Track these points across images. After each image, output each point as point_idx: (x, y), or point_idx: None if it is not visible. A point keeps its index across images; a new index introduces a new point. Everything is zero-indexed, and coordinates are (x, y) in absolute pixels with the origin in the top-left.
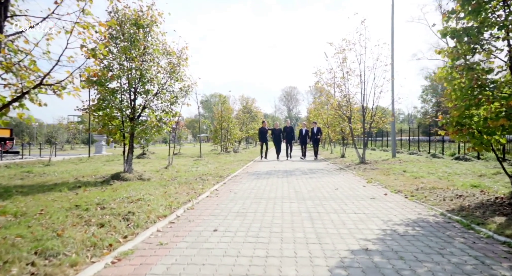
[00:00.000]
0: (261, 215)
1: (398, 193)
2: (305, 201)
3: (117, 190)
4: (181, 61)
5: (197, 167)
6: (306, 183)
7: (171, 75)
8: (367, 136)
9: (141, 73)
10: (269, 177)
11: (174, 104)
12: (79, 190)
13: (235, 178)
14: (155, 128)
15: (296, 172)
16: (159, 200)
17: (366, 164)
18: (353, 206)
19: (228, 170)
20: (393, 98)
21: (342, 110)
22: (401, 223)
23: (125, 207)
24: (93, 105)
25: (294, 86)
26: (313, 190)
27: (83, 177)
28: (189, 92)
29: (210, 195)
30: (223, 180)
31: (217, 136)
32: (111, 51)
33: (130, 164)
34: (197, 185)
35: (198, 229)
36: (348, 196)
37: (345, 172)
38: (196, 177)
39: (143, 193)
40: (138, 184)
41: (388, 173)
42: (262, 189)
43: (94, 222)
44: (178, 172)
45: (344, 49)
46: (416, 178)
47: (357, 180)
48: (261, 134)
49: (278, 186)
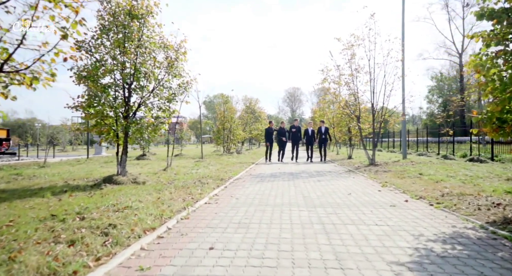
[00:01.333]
0: (266, 227)
1: (420, 199)
2: (316, 209)
3: (105, 196)
4: (179, 56)
5: (198, 168)
6: (315, 187)
7: (168, 71)
8: (377, 137)
9: (135, 68)
10: (274, 180)
11: (171, 101)
12: (64, 195)
13: (237, 181)
14: (151, 127)
15: (303, 175)
16: (149, 208)
17: (376, 165)
18: (372, 216)
19: (230, 172)
20: (404, 96)
21: (350, 109)
22: (435, 239)
23: (108, 217)
24: (83, 102)
25: (297, 87)
26: (323, 195)
27: (74, 180)
28: (188, 89)
29: (209, 201)
30: (224, 183)
31: (219, 137)
32: (103, 44)
33: (124, 166)
34: (195, 189)
35: (191, 246)
36: (364, 202)
37: (355, 174)
38: (195, 180)
39: (133, 200)
40: (130, 188)
41: (403, 176)
42: (267, 193)
43: (64, 238)
44: (177, 174)
45: (352, 45)
46: (437, 182)
47: (370, 183)
48: (268, 135)
49: (284, 190)
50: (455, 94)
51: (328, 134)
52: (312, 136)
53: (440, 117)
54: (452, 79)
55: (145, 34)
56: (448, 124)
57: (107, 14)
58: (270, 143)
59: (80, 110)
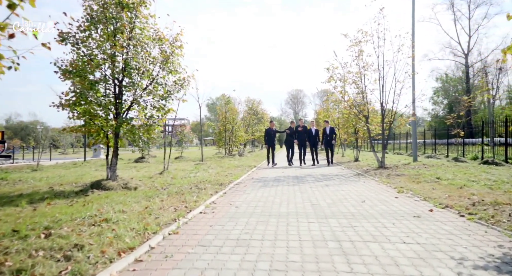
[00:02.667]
0: (270, 245)
1: (446, 208)
2: (328, 220)
3: (88, 204)
4: (175, 50)
5: (197, 172)
6: (323, 193)
7: (163, 66)
8: (386, 138)
9: (126, 62)
10: (277, 185)
11: (167, 99)
12: (42, 203)
13: (238, 186)
14: (143, 127)
15: (308, 179)
16: (132, 221)
17: (386, 168)
18: (396, 230)
19: (230, 176)
20: (414, 95)
21: (357, 108)
22: (485, 266)
23: (79, 233)
24: (68, 100)
25: (300, 89)
26: (334, 203)
27: (61, 185)
28: (185, 86)
29: (204, 210)
30: (223, 188)
31: (221, 139)
32: (91, 36)
33: (114, 170)
34: (191, 196)
35: (175, 274)
36: (382, 212)
37: (365, 178)
38: (192, 185)
39: (117, 209)
40: (119, 195)
41: (419, 180)
42: (271, 201)
43: (10, 266)
44: (173, 179)
45: (360, 41)
46: (461, 188)
47: (384, 189)
48: (268, 136)
49: (289, 196)
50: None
51: (334, 135)
52: (316, 137)
53: (450, 118)
54: (457, 80)
55: (137, 26)
56: (459, 125)
57: (95, 3)
58: (271, 146)
59: (67, 109)
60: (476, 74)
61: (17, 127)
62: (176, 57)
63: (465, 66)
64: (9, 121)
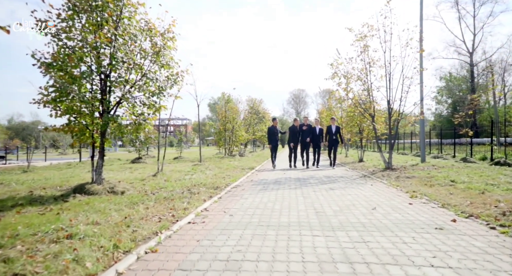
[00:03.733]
0: (267, 269)
1: (471, 218)
2: (335, 233)
3: (64, 212)
4: (166, 42)
5: (193, 174)
6: (328, 197)
7: (153, 59)
8: (394, 138)
9: (112, 54)
10: (278, 188)
11: (158, 96)
12: (11, 211)
13: (236, 189)
14: (131, 126)
15: (311, 181)
16: (104, 236)
17: (394, 170)
18: (418, 247)
19: (228, 178)
20: (422, 92)
21: (362, 107)
22: None
23: (31, 255)
24: (46, 95)
25: (302, 89)
26: (341, 210)
27: (43, 189)
28: (179, 82)
29: (194, 219)
30: (219, 193)
31: (220, 138)
32: (74, 26)
33: (100, 173)
34: (181, 202)
35: None
36: (397, 222)
37: (372, 180)
38: (185, 189)
39: (91, 220)
40: (101, 201)
41: (432, 183)
42: (270, 207)
43: None
44: (167, 181)
45: (365, 35)
46: (482, 193)
47: (395, 193)
48: (271, 135)
49: (291, 202)
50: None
51: (339, 134)
52: (319, 136)
53: (458, 117)
54: (462, 79)
55: (125, 15)
56: (467, 124)
57: None
58: (274, 146)
59: (49, 106)
60: (481, 73)
61: (19, 127)
62: (168, 50)
63: (470, 65)
64: (11, 121)
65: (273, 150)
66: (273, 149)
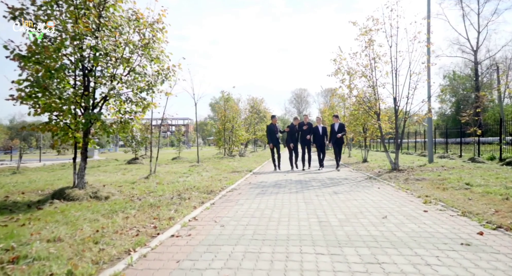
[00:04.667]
0: None
1: (499, 229)
2: (343, 250)
3: (29, 224)
4: (156, 33)
5: (188, 176)
6: (332, 204)
7: (141, 52)
8: (401, 138)
9: (94, 46)
10: (278, 192)
11: (148, 92)
12: None
13: (232, 193)
14: (116, 124)
15: (314, 184)
16: (61, 258)
17: (401, 171)
18: (446, 271)
19: (225, 181)
20: (430, 89)
21: (367, 104)
22: None
23: None
24: (21, 90)
25: (304, 89)
26: (348, 220)
27: (22, 193)
28: (170, 77)
29: (179, 231)
30: (212, 198)
31: (220, 138)
32: (53, 14)
33: (82, 176)
34: (168, 209)
35: None
36: (414, 235)
37: (379, 183)
38: (175, 194)
39: (54, 235)
40: (78, 209)
41: (445, 187)
42: (267, 216)
43: None
44: (159, 184)
45: (370, 29)
46: (507, 199)
47: (405, 197)
48: (271, 134)
49: (291, 209)
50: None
51: (344, 132)
52: (323, 136)
53: (466, 115)
54: (466, 78)
55: (110, 3)
56: (474, 123)
57: None
58: (276, 145)
59: (28, 103)
60: (485, 71)
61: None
62: (158, 43)
63: (474, 63)
64: (13, 121)
65: (274, 150)
66: (274, 149)
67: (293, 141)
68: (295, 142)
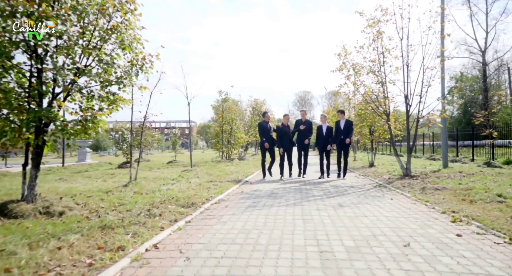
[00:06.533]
0: None
1: None
2: None
3: None
4: (127, 15)
5: (174, 183)
6: (337, 221)
7: (108, 37)
8: (413, 140)
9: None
10: (272, 204)
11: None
12: None
13: (217, 206)
14: (73, 123)
15: (315, 193)
16: None
17: (414, 178)
18: None
19: (214, 189)
20: (444, 86)
21: (376, 103)
22: None
23: None
24: None
25: (308, 91)
26: (358, 248)
27: None
28: (147, 69)
29: (122, 271)
30: (190, 213)
31: (218, 141)
32: None
33: (33, 187)
34: (125, 232)
35: None
36: None
37: (390, 192)
38: (145, 209)
39: None
40: (9, 231)
41: (472, 199)
42: (252, 243)
43: None
44: (136, 193)
45: (378, 20)
46: None
47: (427, 213)
48: (265, 133)
49: (285, 231)
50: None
51: (352, 132)
52: (328, 137)
53: (480, 116)
54: (473, 79)
55: None
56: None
57: None
58: (269, 146)
59: None
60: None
61: None
62: (131, 28)
63: (482, 64)
64: None
65: (266, 153)
66: (264, 150)
67: (284, 145)
68: (286, 147)
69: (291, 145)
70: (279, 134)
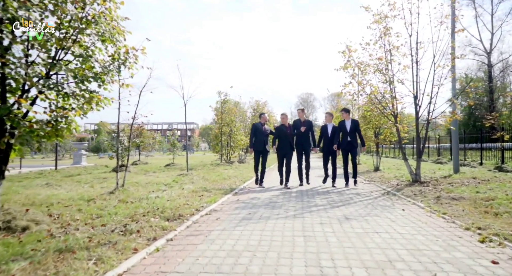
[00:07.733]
0: None
1: None
2: None
3: None
4: (106, 3)
5: (165, 189)
6: (344, 239)
7: (84, 27)
8: (424, 143)
9: None
10: (269, 216)
11: (98, 81)
12: None
13: (208, 218)
14: (39, 124)
15: (318, 202)
16: None
17: (424, 184)
18: None
19: (207, 197)
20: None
21: (382, 104)
22: None
23: None
24: None
25: (310, 93)
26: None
27: None
28: (132, 65)
29: None
30: (174, 228)
31: (217, 143)
32: None
33: None
34: (88, 256)
35: None
36: None
37: (401, 201)
38: (123, 223)
39: None
40: None
41: (496, 211)
42: (241, 271)
43: None
44: (120, 202)
45: (386, 15)
46: None
47: (447, 229)
48: (257, 135)
49: (282, 254)
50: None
51: (359, 134)
52: (333, 138)
53: (491, 118)
54: (478, 81)
55: None
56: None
57: None
58: (261, 150)
59: None
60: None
61: None
62: (110, 17)
63: (488, 65)
64: None
65: (259, 158)
66: (259, 157)
67: (284, 147)
68: (286, 150)
69: (291, 150)
70: (277, 136)
